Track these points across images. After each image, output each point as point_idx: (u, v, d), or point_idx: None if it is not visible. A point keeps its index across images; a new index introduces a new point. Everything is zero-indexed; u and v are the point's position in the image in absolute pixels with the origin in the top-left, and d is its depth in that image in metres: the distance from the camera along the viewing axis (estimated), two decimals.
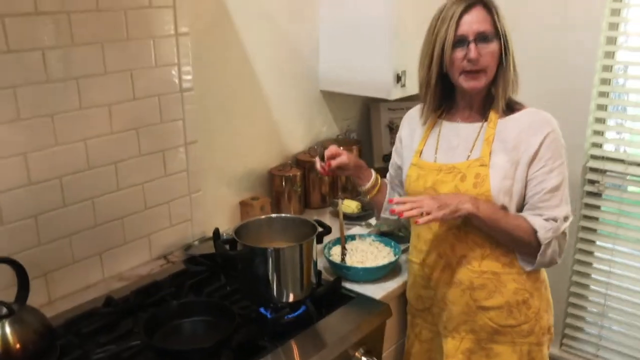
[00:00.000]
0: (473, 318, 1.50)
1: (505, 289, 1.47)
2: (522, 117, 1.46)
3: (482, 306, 1.49)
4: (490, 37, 1.41)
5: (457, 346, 1.53)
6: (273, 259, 1.46)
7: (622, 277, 2.28)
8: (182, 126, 1.81)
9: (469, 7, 1.41)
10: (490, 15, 1.42)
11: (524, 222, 1.42)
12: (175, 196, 1.85)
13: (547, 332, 1.55)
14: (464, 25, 1.40)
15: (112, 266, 1.72)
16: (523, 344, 1.51)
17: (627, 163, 2.17)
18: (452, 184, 1.46)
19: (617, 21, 2.10)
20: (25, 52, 1.42)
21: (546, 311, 1.54)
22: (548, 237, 1.40)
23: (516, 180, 1.43)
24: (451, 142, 1.52)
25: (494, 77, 1.45)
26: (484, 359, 1.52)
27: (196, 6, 1.81)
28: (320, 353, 1.39)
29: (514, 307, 1.48)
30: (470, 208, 1.37)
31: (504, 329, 1.49)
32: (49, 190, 1.53)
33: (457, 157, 1.50)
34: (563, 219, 1.42)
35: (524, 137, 1.43)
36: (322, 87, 2.31)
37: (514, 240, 1.43)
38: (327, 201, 2.24)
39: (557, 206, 1.42)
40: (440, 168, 1.50)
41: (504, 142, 1.44)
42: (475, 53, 1.40)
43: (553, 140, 1.42)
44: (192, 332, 1.40)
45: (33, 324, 1.28)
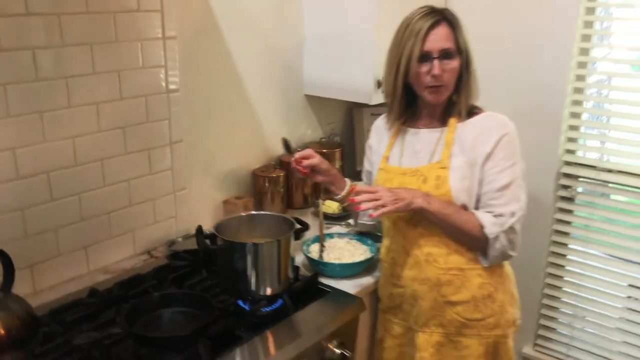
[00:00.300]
0: (441, 313, 1.57)
1: (470, 284, 1.55)
2: (480, 120, 1.56)
3: (450, 301, 1.56)
4: (453, 54, 1.51)
5: (427, 340, 1.60)
6: (252, 254, 1.53)
7: (594, 280, 2.35)
8: (167, 126, 1.88)
9: (435, 24, 1.51)
10: (454, 33, 1.51)
11: (473, 217, 1.51)
12: (160, 194, 1.91)
13: (513, 324, 1.63)
14: (429, 42, 1.50)
15: (97, 259, 1.78)
16: (489, 337, 1.58)
17: (598, 169, 2.24)
18: (415, 186, 1.55)
19: (590, 33, 2.19)
20: (16, 51, 1.48)
21: (511, 305, 1.62)
22: (494, 232, 1.49)
23: (473, 180, 1.52)
24: (415, 147, 1.62)
25: (456, 87, 1.55)
26: (453, 351, 1.60)
27: (184, 11, 1.87)
28: (294, 343, 1.45)
29: (480, 301, 1.56)
30: (422, 203, 1.47)
31: (471, 323, 1.57)
32: (37, 185, 1.59)
33: (420, 161, 1.59)
34: (510, 215, 1.50)
35: (480, 140, 1.52)
36: (306, 92, 2.38)
37: (464, 234, 1.52)
38: (309, 202, 2.31)
39: (505, 204, 1.51)
40: (405, 172, 1.59)
41: (462, 145, 1.54)
42: (438, 69, 1.49)
43: (507, 142, 1.52)
44: (172, 322, 1.46)
45: (17, 311, 1.33)
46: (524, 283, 2.46)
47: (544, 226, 2.39)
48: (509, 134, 1.54)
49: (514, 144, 1.54)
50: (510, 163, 1.52)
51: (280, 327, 1.51)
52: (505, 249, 1.51)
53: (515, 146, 1.54)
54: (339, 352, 1.55)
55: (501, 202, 1.51)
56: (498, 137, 1.52)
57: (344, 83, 2.23)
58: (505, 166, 1.51)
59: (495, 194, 1.51)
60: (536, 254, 2.43)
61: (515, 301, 1.65)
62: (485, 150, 1.52)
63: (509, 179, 1.51)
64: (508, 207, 1.51)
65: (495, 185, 1.51)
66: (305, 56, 2.33)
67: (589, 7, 2.15)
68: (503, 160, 1.51)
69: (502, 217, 1.50)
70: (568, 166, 2.31)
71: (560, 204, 2.36)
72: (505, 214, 1.50)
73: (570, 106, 2.26)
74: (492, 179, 1.51)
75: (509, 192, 1.51)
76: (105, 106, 1.70)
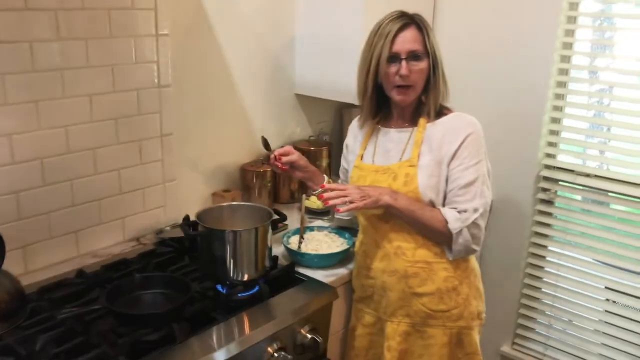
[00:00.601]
0: (408, 304, 1.65)
1: (436, 276, 1.63)
2: (448, 121, 1.64)
3: (416, 293, 1.64)
4: (420, 55, 1.59)
5: (395, 329, 1.68)
6: (230, 241, 1.62)
7: (571, 282, 2.42)
8: (158, 119, 1.97)
9: (404, 27, 1.59)
10: (422, 35, 1.59)
11: (438, 213, 1.59)
12: (149, 183, 2.00)
13: (477, 317, 1.70)
14: (397, 43, 1.58)
15: (86, 244, 1.87)
16: (453, 327, 1.66)
17: (576, 173, 2.32)
18: (386, 183, 1.64)
19: (571, 41, 2.26)
20: (15, 44, 1.57)
21: (475, 298, 1.69)
22: (457, 227, 1.56)
23: (440, 177, 1.60)
24: (387, 146, 1.70)
25: (426, 88, 1.63)
26: (419, 340, 1.67)
27: (177, 10, 1.96)
28: (267, 325, 1.54)
29: (444, 293, 1.63)
30: (389, 200, 1.56)
31: (436, 314, 1.64)
32: (31, 170, 1.68)
33: (391, 160, 1.67)
34: (473, 211, 1.57)
35: (447, 139, 1.60)
36: (297, 91, 2.47)
37: (429, 229, 1.60)
38: (296, 197, 2.39)
39: (469, 200, 1.58)
40: (377, 169, 1.68)
41: (430, 144, 1.62)
42: (406, 70, 1.58)
43: (472, 141, 1.59)
44: (151, 302, 1.55)
45: (6, 286, 1.43)
46: (503, 282, 2.56)
47: (524, 227, 2.46)
48: (474, 133, 1.61)
49: (479, 143, 1.61)
50: (475, 161, 1.59)
51: (254, 311, 1.59)
52: (469, 243, 1.59)
53: (480, 145, 1.61)
54: (310, 337, 1.63)
55: (465, 198, 1.58)
56: (464, 136, 1.59)
57: (333, 83, 2.32)
58: (470, 164, 1.58)
59: (459, 190, 1.59)
60: (515, 254, 2.51)
61: (480, 295, 1.73)
62: (451, 149, 1.59)
63: (473, 176, 1.58)
64: (471, 204, 1.58)
65: (460, 182, 1.59)
66: (297, 56, 2.42)
67: (570, 16, 2.23)
68: (467, 158, 1.58)
69: (466, 212, 1.57)
70: (548, 170, 2.38)
71: (540, 206, 2.43)
72: (468, 210, 1.57)
73: (550, 111, 2.33)
74: (457, 177, 1.59)
75: (473, 188, 1.58)
76: (99, 98, 1.79)
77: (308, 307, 1.65)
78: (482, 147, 1.62)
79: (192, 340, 1.44)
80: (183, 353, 1.40)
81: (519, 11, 2.30)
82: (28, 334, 1.39)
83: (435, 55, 1.61)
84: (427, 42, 1.59)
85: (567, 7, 2.21)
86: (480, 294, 1.73)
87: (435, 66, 1.61)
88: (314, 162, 2.37)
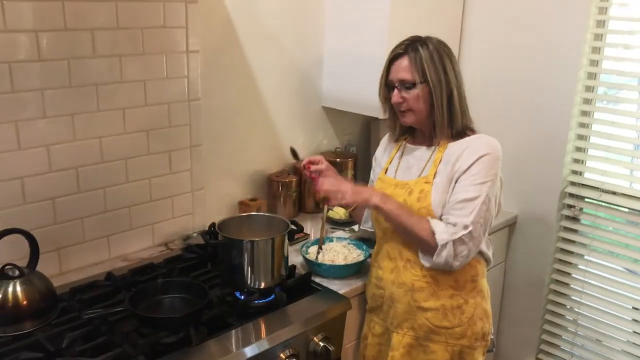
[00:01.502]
0: (413, 317, 1.69)
1: (442, 293, 1.66)
2: (468, 141, 1.66)
3: (421, 307, 1.68)
4: (410, 84, 1.64)
5: (400, 341, 1.72)
6: (248, 250, 1.70)
7: (595, 299, 2.40)
8: (188, 131, 2.07)
9: (397, 57, 1.67)
10: (413, 65, 1.62)
11: (426, 223, 1.60)
12: (178, 192, 2.10)
13: (482, 338, 1.72)
14: (392, 72, 1.68)
15: (117, 248, 1.98)
16: (455, 345, 1.68)
17: (601, 190, 2.30)
18: (402, 197, 1.68)
19: (597, 58, 2.25)
20: (53, 61, 1.69)
21: (481, 319, 1.71)
22: (444, 239, 1.56)
23: (449, 193, 1.63)
24: (409, 162, 1.76)
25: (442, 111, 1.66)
26: (421, 354, 1.71)
27: (207, 27, 2.06)
28: (281, 331, 1.61)
29: (449, 310, 1.66)
30: (378, 201, 1.62)
31: (439, 330, 1.68)
32: (67, 178, 1.80)
33: (411, 176, 1.72)
34: (462, 227, 1.56)
35: (462, 158, 1.62)
36: (324, 104, 2.54)
37: (415, 237, 1.62)
38: (321, 207, 2.46)
39: (464, 215, 1.57)
40: (397, 184, 1.73)
41: (447, 163, 1.65)
42: (396, 98, 1.66)
43: (485, 162, 1.60)
44: (171, 306, 1.64)
45: (39, 286, 1.54)
46: (527, 298, 2.57)
47: (549, 243, 2.46)
48: (490, 155, 1.61)
49: (492, 165, 1.60)
50: (482, 180, 1.59)
51: (269, 317, 1.66)
52: (450, 258, 1.58)
53: (492, 167, 1.60)
54: (322, 345, 1.69)
55: (460, 212, 1.58)
56: (478, 155, 1.60)
57: (358, 97, 2.38)
58: (476, 182, 1.58)
59: (457, 204, 1.59)
60: (540, 270, 2.50)
61: (487, 316, 1.74)
62: (463, 166, 1.61)
63: (474, 194, 1.58)
64: (463, 219, 1.57)
65: (459, 197, 1.59)
66: (324, 71, 2.49)
67: (596, 34, 2.23)
68: (475, 176, 1.59)
69: (455, 226, 1.57)
70: (573, 186, 2.37)
71: (565, 222, 2.42)
72: (458, 224, 1.57)
73: (576, 128, 2.33)
74: (459, 190, 1.60)
75: (471, 205, 1.57)
76: (131, 111, 1.90)
77: (322, 316, 1.71)
78: (494, 170, 1.61)
79: (208, 344, 1.52)
80: (198, 355, 1.48)
81: (544, 28, 2.31)
82: (57, 332, 1.51)
83: (436, 82, 1.61)
84: (421, 69, 1.61)
85: (593, 24, 2.21)
86: (488, 316, 1.74)
87: (440, 93, 1.62)
88: (339, 173, 2.43)
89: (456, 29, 2.55)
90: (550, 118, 2.34)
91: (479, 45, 2.52)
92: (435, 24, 2.39)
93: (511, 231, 2.56)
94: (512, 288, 2.61)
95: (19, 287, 1.50)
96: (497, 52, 2.47)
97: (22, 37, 1.62)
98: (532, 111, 2.40)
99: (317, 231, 2.10)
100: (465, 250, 1.58)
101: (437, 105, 1.64)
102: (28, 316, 1.50)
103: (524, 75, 2.40)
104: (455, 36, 2.55)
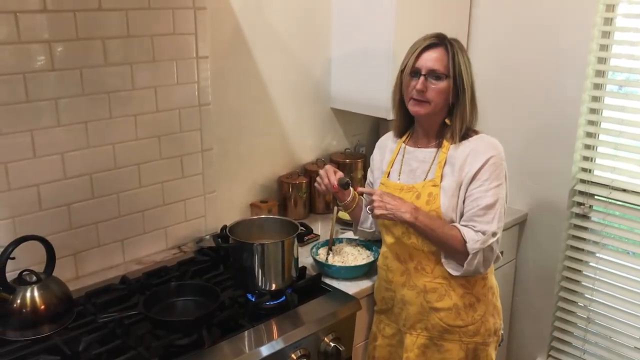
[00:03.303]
0: (427, 317, 1.72)
1: (454, 293, 1.68)
2: (471, 143, 1.67)
3: (434, 307, 1.70)
4: (441, 76, 1.64)
5: (414, 341, 1.75)
6: (258, 253, 1.73)
7: (606, 296, 2.40)
8: (199, 135, 2.10)
9: (431, 45, 1.65)
10: (447, 58, 1.63)
11: (458, 233, 1.62)
12: (191, 195, 2.14)
13: (494, 334, 1.74)
14: (421, 59, 1.65)
15: (132, 252, 2.02)
16: (470, 343, 1.71)
17: (610, 188, 2.30)
18: (409, 201, 1.69)
19: (605, 56, 2.25)
20: (66, 71, 1.73)
21: (492, 315, 1.73)
22: (476, 247, 1.59)
23: (459, 198, 1.64)
24: (411, 165, 1.76)
25: (451, 112, 1.67)
26: (436, 354, 1.73)
27: (216, 33, 2.09)
28: (291, 332, 1.64)
29: (462, 309, 1.69)
30: (409, 218, 1.60)
31: (453, 329, 1.70)
32: (81, 184, 1.85)
33: (416, 179, 1.73)
34: (491, 234, 1.60)
35: (468, 160, 1.64)
36: (333, 105, 2.56)
37: (447, 247, 1.64)
38: (331, 208, 2.48)
39: (489, 222, 1.60)
40: (402, 187, 1.74)
41: (453, 165, 1.66)
42: (421, 85, 1.63)
43: (493, 164, 1.62)
44: (183, 309, 1.68)
45: (55, 291, 1.59)
46: (538, 295, 2.58)
47: (559, 241, 2.46)
48: (495, 157, 1.63)
49: (500, 166, 1.64)
50: (496, 184, 1.62)
51: (280, 319, 1.69)
52: (480, 265, 1.62)
53: (501, 169, 1.64)
54: (333, 345, 1.72)
55: (485, 219, 1.61)
56: (485, 158, 1.62)
57: (366, 99, 2.40)
58: (491, 186, 1.61)
59: (479, 211, 1.62)
60: (551, 267, 2.51)
61: (497, 312, 1.76)
62: (472, 170, 1.63)
63: (493, 199, 1.61)
64: (490, 226, 1.60)
65: (480, 203, 1.61)
66: (333, 73, 2.51)
67: (604, 31, 2.22)
68: (488, 180, 1.61)
69: (484, 235, 1.60)
70: (583, 184, 2.37)
71: (575, 220, 2.43)
72: (487, 232, 1.60)
73: (585, 125, 2.33)
74: (477, 197, 1.62)
75: (494, 211, 1.61)
76: (143, 118, 1.94)
77: (332, 316, 1.74)
78: (503, 172, 1.64)
79: (220, 346, 1.55)
80: (211, 357, 1.51)
81: (552, 25, 2.31)
82: (73, 335, 1.55)
83: (462, 79, 1.63)
84: (453, 64, 1.63)
85: (600, 22, 2.21)
86: (498, 312, 1.77)
87: (462, 90, 1.64)
88: (349, 173, 2.47)
89: (464, 23, 2.56)
90: (559, 116, 2.35)
91: (485, 41, 2.53)
92: (442, 21, 2.40)
93: (521, 229, 2.57)
94: (524, 285, 2.62)
95: (36, 292, 1.54)
96: (504, 47, 2.47)
97: (36, 48, 1.67)
98: (540, 109, 2.41)
99: (327, 232, 2.12)
100: (492, 256, 1.63)
101: (462, 103, 1.65)
102: (46, 320, 1.55)
103: (532, 72, 2.40)
104: (463, 31, 2.56)
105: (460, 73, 1.65)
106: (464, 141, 1.69)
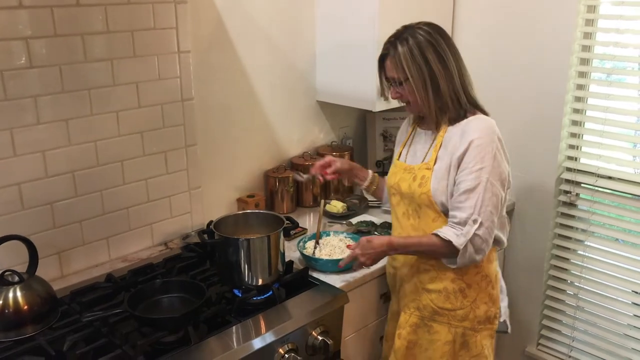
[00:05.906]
0: (419, 297, 1.75)
1: (444, 276, 1.71)
2: (463, 125, 1.65)
3: (426, 288, 1.74)
4: (400, 81, 1.66)
5: (407, 320, 1.79)
6: (244, 248, 1.72)
7: (594, 283, 2.41)
8: (182, 131, 2.08)
9: (383, 57, 1.70)
10: (398, 61, 1.64)
11: (437, 239, 1.61)
12: (175, 191, 2.12)
13: (487, 321, 1.75)
14: (385, 69, 1.72)
15: (117, 249, 2.00)
16: (458, 327, 1.73)
17: (597, 175, 2.31)
18: (407, 183, 1.72)
19: (590, 44, 2.25)
20: (46, 68, 1.71)
21: (485, 303, 1.74)
22: (461, 242, 1.58)
23: (449, 180, 1.64)
24: (416, 147, 1.79)
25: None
26: (426, 334, 1.77)
27: (197, 27, 2.07)
28: (279, 326, 1.63)
29: (451, 293, 1.71)
30: (387, 250, 1.68)
31: (442, 311, 1.73)
32: (64, 182, 1.82)
33: (416, 160, 1.76)
34: (472, 222, 1.57)
35: (458, 143, 1.63)
36: (318, 98, 2.55)
37: (436, 255, 1.68)
38: (318, 201, 2.47)
39: (470, 207, 1.58)
40: (405, 168, 1.77)
41: (446, 148, 1.66)
42: (393, 94, 1.71)
43: (477, 146, 1.59)
44: (169, 306, 1.66)
45: (39, 291, 1.57)
46: (526, 283, 2.58)
47: (546, 229, 2.47)
48: (479, 139, 1.59)
49: (485, 149, 1.59)
50: (479, 167, 1.58)
51: (268, 314, 1.69)
52: (472, 255, 1.61)
53: (485, 150, 1.59)
54: (320, 339, 1.71)
55: (465, 205, 1.59)
56: (468, 141, 1.60)
57: (352, 91, 2.39)
58: (473, 169, 1.58)
59: (460, 196, 1.60)
60: (538, 255, 2.52)
61: (492, 300, 1.76)
62: (458, 153, 1.62)
63: (474, 182, 1.58)
64: (470, 213, 1.58)
65: (461, 187, 1.60)
66: (318, 65, 2.50)
67: (587, 19, 2.22)
68: (471, 163, 1.59)
69: (465, 225, 1.59)
70: (569, 172, 2.38)
71: (561, 208, 2.43)
72: (467, 222, 1.58)
73: (570, 114, 2.33)
74: (460, 181, 1.61)
75: (474, 195, 1.58)
76: (125, 114, 1.92)
77: (320, 310, 1.73)
78: (488, 153, 1.59)
79: (207, 342, 1.54)
80: (198, 353, 1.50)
81: (536, 15, 2.31)
82: (58, 335, 1.53)
83: (420, 73, 1.62)
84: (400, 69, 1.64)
85: (584, 9, 2.21)
86: (493, 300, 1.76)
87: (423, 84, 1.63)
88: None
89: (448, 13, 2.54)
90: (545, 104, 2.35)
91: (470, 31, 2.52)
92: (426, 11, 2.38)
93: (509, 218, 2.56)
94: (512, 274, 2.62)
95: (19, 293, 1.52)
96: (489, 37, 2.47)
97: (14, 45, 1.64)
98: (525, 98, 2.40)
99: (314, 226, 2.12)
100: (482, 242, 1.60)
101: (420, 99, 1.65)
102: (29, 321, 1.53)
103: (516, 61, 2.40)
104: (448, 20, 2.54)
105: (412, 72, 1.62)
106: (460, 122, 1.67)
